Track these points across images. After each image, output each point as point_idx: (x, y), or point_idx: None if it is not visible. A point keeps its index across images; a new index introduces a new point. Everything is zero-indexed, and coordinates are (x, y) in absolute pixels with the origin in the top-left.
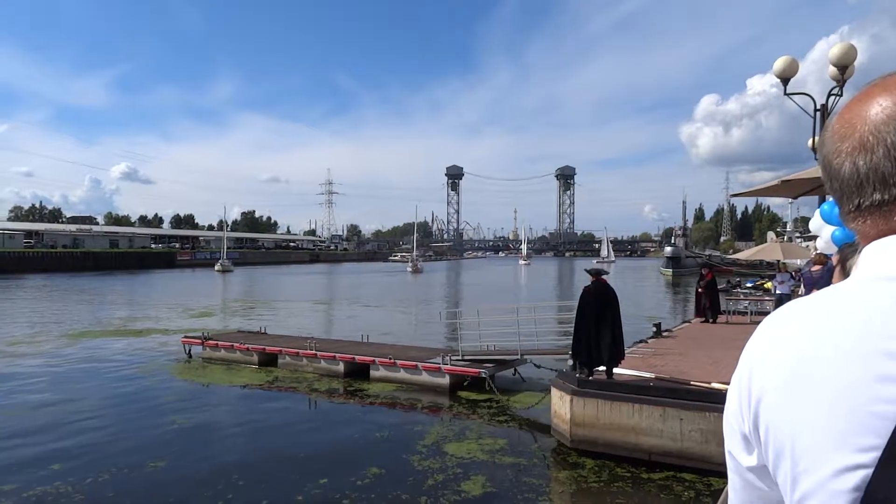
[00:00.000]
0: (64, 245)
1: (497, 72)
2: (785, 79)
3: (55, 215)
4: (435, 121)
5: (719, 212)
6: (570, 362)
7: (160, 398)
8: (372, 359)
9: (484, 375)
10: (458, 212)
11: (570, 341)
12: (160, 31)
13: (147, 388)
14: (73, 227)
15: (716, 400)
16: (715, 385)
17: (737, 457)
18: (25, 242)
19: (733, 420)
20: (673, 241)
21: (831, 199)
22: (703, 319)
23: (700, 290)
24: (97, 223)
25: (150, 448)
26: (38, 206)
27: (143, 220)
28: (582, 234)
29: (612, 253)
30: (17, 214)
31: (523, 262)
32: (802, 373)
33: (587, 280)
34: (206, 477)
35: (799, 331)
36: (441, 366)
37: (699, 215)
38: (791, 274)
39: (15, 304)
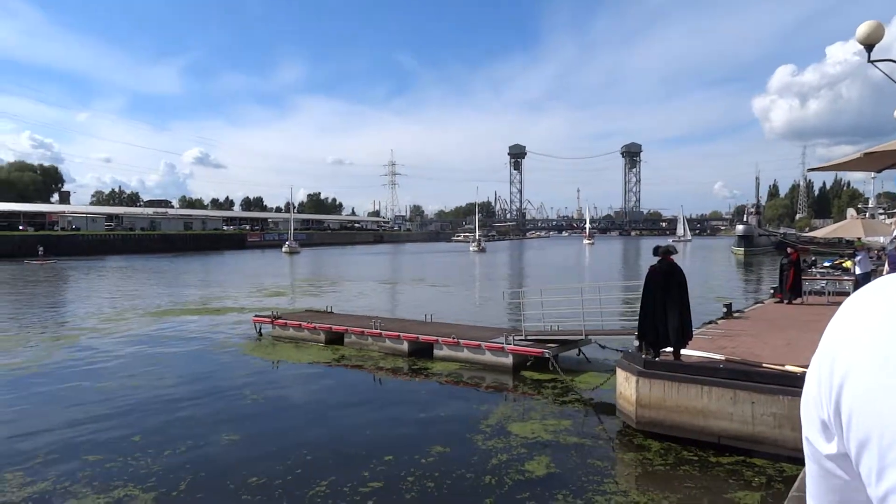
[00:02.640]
0: (142, 228)
1: (560, 46)
2: (869, 45)
3: (133, 199)
4: (497, 99)
5: (795, 188)
6: (636, 343)
7: (233, 375)
8: (435, 338)
9: (547, 355)
10: (520, 191)
11: (636, 322)
12: (228, 17)
13: (221, 365)
14: (150, 211)
15: (790, 383)
16: (789, 368)
17: (815, 444)
18: (106, 225)
19: (812, 405)
20: (745, 219)
21: None
22: (780, 299)
23: (792, 268)
24: (172, 206)
25: (224, 422)
26: (117, 190)
27: (215, 203)
28: (648, 213)
29: (688, 232)
30: (99, 199)
31: (587, 241)
32: (891, 357)
33: (653, 260)
34: (276, 451)
35: (887, 311)
36: (504, 345)
37: (773, 192)
38: (870, 252)
39: (102, 283)
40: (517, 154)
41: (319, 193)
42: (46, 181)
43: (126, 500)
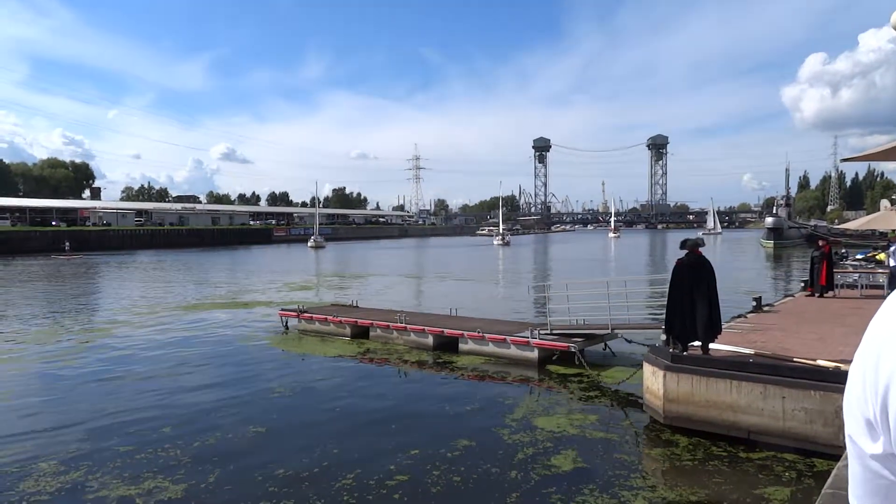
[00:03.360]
0: (171, 223)
1: (585, 38)
2: None
3: (162, 195)
4: (521, 92)
5: (826, 179)
6: (664, 337)
7: (260, 368)
8: (460, 332)
9: (573, 350)
10: (545, 185)
11: (663, 316)
12: (254, 14)
13: (249, 359)
14: (178, 206)
15: (822, 378)
16: (821, 362)
17: (859, 443)
18: (136, 221)
19: (856, 404)
20: (775, 212)
21: None
22: (811, 293)
23: (824, 261)
24: (200, 202)
25: (252, 415)
26: (146, 186)
27: (242, 199)
28: (675, 206)
29: (718, 224)
30: (129, 195)
31: (613, 234)
32: None
33: (681, 253)
34: (303, 444)
35: None
36: (530, 339)
37: (804, 184)
38: None
39: (133, 278)
40: (542, 147)
41: (344, 188)
42: (78, 177)
43: (156, 492)
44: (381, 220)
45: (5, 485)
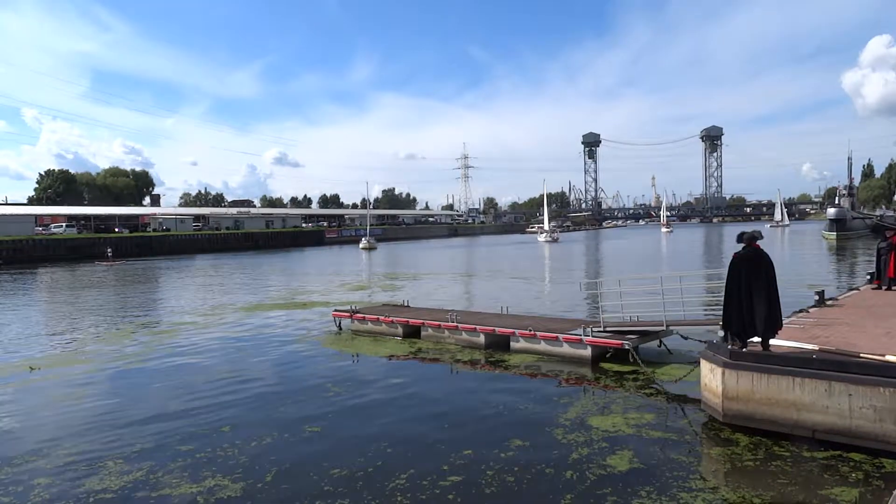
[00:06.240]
0: (227, 227)
1: (635, 29)
2: None
3: (218, 200)
4: (570, 87)
5: (892, 167)
6: (721, 333)
7: (314, 368)
8: (512, 330)
9: (627, 347)
10: (595, 180)
11: (720, 311)
12: (303, 20)
13: (303, 359)
14: (234, 211)
15: (892, 374)
16: (890, 358)
17: None
18: (194, 225)
19: None
20: (837, 202)
21: None
22: (878, 286)
23: (892, 252)
24: (254, 206)
25: (306, 414)
26: (203, 192)
27: (294, 202)
28: (731, 199)
29: (786, 216)
30: (187, 200)
31: (665, 229)
32: None
33: (737, 247)
34: (356, 443)
35: None
36: (582, 337)
37: (867, 172)
38: None
39: (195, 280)
40: (591, 142)
41: (394, 189)
42: (139, 185)
43: (216, 490)
44: (431, 219)
45: (73, 482)
